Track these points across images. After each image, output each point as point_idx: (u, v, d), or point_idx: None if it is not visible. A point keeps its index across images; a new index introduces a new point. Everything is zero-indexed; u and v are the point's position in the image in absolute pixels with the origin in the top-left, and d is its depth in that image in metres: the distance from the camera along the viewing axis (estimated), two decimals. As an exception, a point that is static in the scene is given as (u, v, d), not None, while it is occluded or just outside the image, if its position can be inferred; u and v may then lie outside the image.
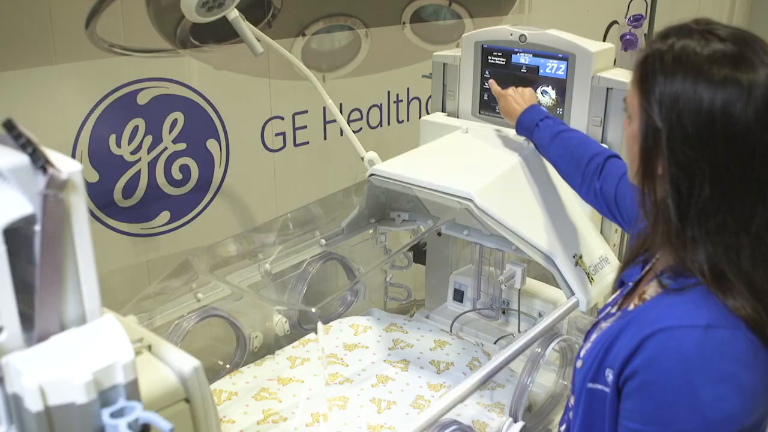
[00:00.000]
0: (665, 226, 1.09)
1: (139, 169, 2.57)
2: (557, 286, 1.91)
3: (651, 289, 1.17)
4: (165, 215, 2.70)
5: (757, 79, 1.01)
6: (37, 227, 0.80)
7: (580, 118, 2.04)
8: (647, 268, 1.24)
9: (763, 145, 1.02)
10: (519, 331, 2.27)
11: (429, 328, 2.24)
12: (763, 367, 1.05)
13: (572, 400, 1.30)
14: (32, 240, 0.81)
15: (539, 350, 1.72)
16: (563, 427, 1.39)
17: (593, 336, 1.25)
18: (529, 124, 1.90)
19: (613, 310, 1.27)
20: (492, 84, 2.07)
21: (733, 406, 1.03)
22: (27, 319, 0.84)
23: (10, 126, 0.79)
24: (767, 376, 1.05)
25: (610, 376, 1.12)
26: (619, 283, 1.32)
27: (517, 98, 1.96)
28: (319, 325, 2.05)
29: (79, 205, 0.82)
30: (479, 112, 2.22)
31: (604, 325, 1.23)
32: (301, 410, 1.83)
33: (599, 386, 1.15)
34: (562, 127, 1.86)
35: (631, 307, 1.20)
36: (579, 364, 1.23)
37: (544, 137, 1.86)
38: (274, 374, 1.97)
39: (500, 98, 2.02)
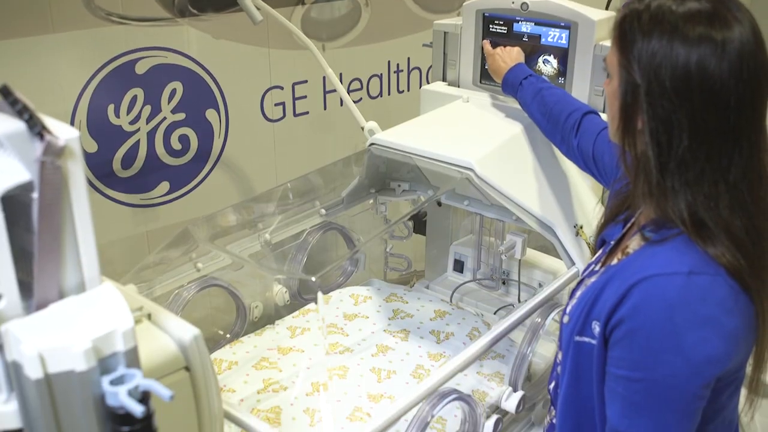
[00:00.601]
0: (646, 178, 1.11)
1: (138, 140, 2.56)
2: (557, 256, 1.91)
3: (634, 243, 1.20)
4: (164, 186, 2.69)
5: (731, 35, 1.05)
6: (35, 195, 0.79)
7: (582, 87, 2.02)
8: (628, 226, 1.27)
9: (738, 97, 1.05)
10: (519, 301, 2.27)
11: (429, 298, 2.24)
12: (743, 312, 1.09)
13: (560, 356, 1.33)
14: (30, 208, 0.80)
15: (539, 320, 1.72)
16: (552, 385, 1.40)
17: (578, 293, 1.28)
18: (514, 82, 1.92)
19: (597, 268, 1.29)
20: (485, 44, 2.10)
21: (716, 349, 1.07)
22: (26, 287, 0.84)
23: (6, 92, 0.78)
24: (747, 320, 1.09)
25: (596, 328, 1.15)
26: (600, 241, 1.36)
27: (504, 57, 1.99)
28: (319, 294, 2.06)
29: (76, 172, 0.81)
30: (480, 82, 2.21)
31: (589, 281, 1.26)
32: (302, 379, 1.84)
33: (586, 339, 1.18)
34: (544, 84, 1.88)
35: (614, 262, 1.23)
36: (566, 319, 1.26)
37: (527, 95, 1.88)
38: (274, 344, 1.98)
39: (488, 57, 2.05)
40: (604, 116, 1.86)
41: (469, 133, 1.98)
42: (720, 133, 1.06)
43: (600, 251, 1.35)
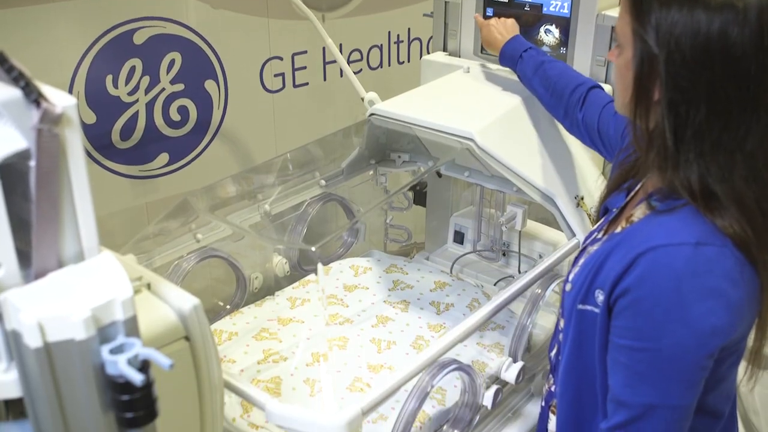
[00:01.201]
0: (660, 150, 1.10)
1: (137, 111, 2.55)
2: (558, 228, 1.91)
3: (639, 212, 1.19)
4: (164, 157, 2.68)
5: (751, 1, 1.03)
6: (32, 163, 0.78)
7: (583, 57, 2.00)
8: (632, 194, 1.26)
9: (758, 65, 1.04)
10: (519, 272, 2.27)
11: (429, 269, 2.24)
12: (748, 284, 1.08)
13: (562, 323, 1.33)
14: (27, 176, 0.80)
15: (539, 291, 1.72)
16: (553, 352, 1.40)
17: (581, 260, 1.28)
18: (513, 55, 1.88)
19: (600, 235, 1.29)
20: (476, 17, 2.06)
21: (721, 320, 1.06)
22: (24, 257, 0.83)
23: (2, 59, 0.77)
24: (752, 292, 1.09)
25: (600, 296, 1.14)
26: (603, 210, 1.35)
27: (500, 28, 1.94)
28: (319, 266, 2.06)
29: (74, 140, 0.81)
30: (481, 52, 2.19)
31: (592, 248, 1.25)
32: (302, 350, 1.84)
33: (589, 307, 1.17)
34: (544, 57, 1.84)
35: (618, 229, 1.22)
36: (568, 287, 1.26)
37: (528, 68, 1.84)
38: (274, 315, 1.98)
39: (482, 28, 1.99)
40: (606, 88, 1.85)
41: (469, 103, 1.97)
42: (739, 102, 1.05)
43: (602, 219, 1.35)
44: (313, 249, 1.57)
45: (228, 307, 2.02)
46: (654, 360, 1.09)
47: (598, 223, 1.36)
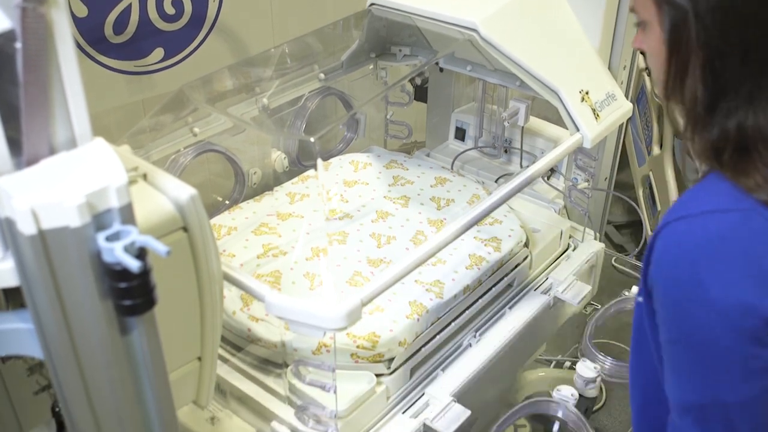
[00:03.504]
0: (691, 113, 1.05)
1: (130, 3, 2.47)
2: (561, 125, 1.87)
3: None
4: (159, 52, 2.62)
5: None
6: (18, 45, 0.75)
7: None
8: None
9: None
10: (521, 168, 2.25)
11: (429, 165, 2.22)
12: None
13: None
14: (15, 59, 0.77)
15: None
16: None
17: None
18: None
19: None
20: None
21: (750, 295, 0.95)
22: (15, 145, 0.81)
23: (-20, -67, 0.73)
24: None
25: (644, 287, 1.09)
26: None
27: None
28: (319, 161, 2.03)
29: (61, 21, 0.77)
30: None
31: None
32: (301, 245, 1.84)
33: (640, 298, 1.12)
34: None
35: None
36: None
37: None
38: (273, 210, 1.97)
39: None
40: None
41: (473, -8, 1.90)
42: None
43: None
44: (312, 140, 1.55)
45: (227, 202, 2.01)
46: (688, 352, 1.01)
47: None
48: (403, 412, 1.58)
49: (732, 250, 0.96)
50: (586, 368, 1.82)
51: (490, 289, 1.82)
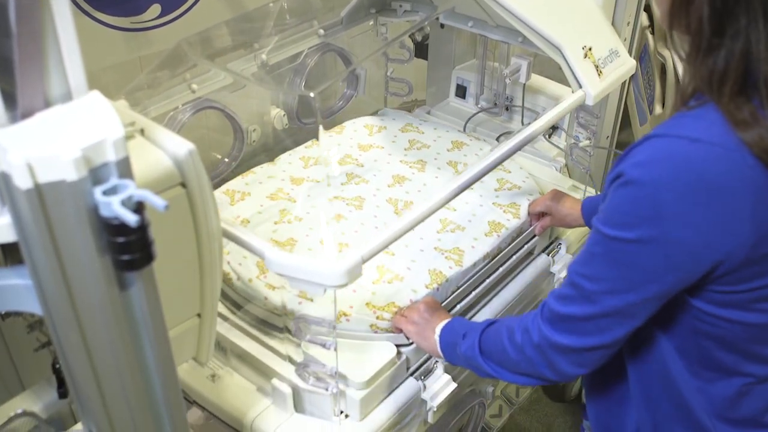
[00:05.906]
0: (695, 38, 1.03)
1: (126, -43, 2.43)
2: (563, 83, 1.85)
3: None
4: (155, 8, 2.58)
5: None
6: (10, -6, 0.74)
7: None
8: None
9: None
10: (522, 125, 2.23)
11: (446, 128, 2.19)
12: (759, 195, 0.98)
13: None
14: (7, 10, 0.75)
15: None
16: None
17: None
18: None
19: None
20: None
21: (690, 234, 0.99)
22: (9, 98, 0.80)
23: None
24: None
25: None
26: None
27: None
28: (321, 128, 2.00)
29: (54, -30, 0.75)
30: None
31: None
32: (317, 210, 1.82)
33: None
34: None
35: None
36: None
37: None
38: (287, 175, 1.95)
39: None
40: None
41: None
42: None
43: None
44: (312, 95, 1.53)
45: (226, 159, 1.99)
46: (611, 252, 1.05)
47: None
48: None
49: (691, 184, 0.97)
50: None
51: (510, 256, 1.81)
